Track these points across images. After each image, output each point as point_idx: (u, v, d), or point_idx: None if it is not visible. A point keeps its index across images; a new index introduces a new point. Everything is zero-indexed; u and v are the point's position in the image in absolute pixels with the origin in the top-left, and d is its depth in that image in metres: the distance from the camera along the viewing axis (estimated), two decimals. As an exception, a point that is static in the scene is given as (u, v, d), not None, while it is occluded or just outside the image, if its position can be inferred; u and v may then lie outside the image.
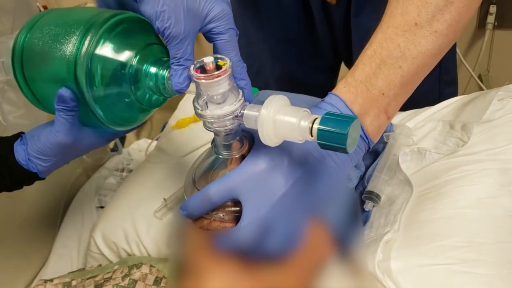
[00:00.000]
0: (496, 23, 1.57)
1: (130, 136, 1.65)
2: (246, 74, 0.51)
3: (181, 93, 0.48)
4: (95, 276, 0.69)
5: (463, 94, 0.82)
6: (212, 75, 0.43)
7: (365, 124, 0.49)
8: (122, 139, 1.68)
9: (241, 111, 0.45)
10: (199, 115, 0.46)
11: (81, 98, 0.49)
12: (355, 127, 0.40)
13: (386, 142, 0.72)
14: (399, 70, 0.49)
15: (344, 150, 0.40)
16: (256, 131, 0.43)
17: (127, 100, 0.51)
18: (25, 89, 0.53)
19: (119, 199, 0.83)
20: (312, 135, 0.41)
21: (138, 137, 1.76)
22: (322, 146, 0.41)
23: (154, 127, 1.89)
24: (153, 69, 0.51)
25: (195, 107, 0.46)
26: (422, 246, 0.57)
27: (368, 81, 0.49)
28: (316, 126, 0.40)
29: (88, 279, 0.68)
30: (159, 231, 0.76)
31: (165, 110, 1.07)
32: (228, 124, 0.46)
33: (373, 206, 0.66)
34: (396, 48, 0.48)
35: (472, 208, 0.59)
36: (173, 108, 0.97)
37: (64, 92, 0.48)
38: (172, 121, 0.94)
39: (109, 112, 0.51)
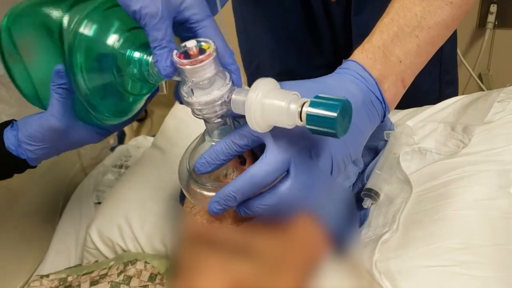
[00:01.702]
0: (496, 23, 1.57)
1: (129, 132, 1.65)
2: (234, 59, 0.49)
3: (169, 78, 0.46)
4: (91, 272, 0.69)
5: (463, 94, 0.82)
6: (196, 60, 0.41)
7: (383, 89, 0.49)
8: (122, 136, 1.68)
9: (229, 96, 0.43)
10: (186, 103, 0.45)
11: (72, 78, 0.48)
12: (346, 110, 0.39)
13: (387, 140, 0.72)
14: (416, 39, 0.50)
15: (334, 135, 0.38)
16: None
17: (112, 88, 0.50)
18: (20, 79, 0.52)
19: (115, 196, 0.83)
20: (301, 120, 0.39)
21: (137, 133, 1.76)
22: (312, 131, 0.39)
23: (154, 123, 1.89)
24: (136, 55, 0.48)
25: (181, 95, 0.44)
26: (420, 247, 0.57)
27: (386, 48, 0.49)
28: (305, 109, 0.38)
29: (84, 275, 0.68)
30: (153, 227, 0.76)
31: (165, 106, 1.07)
32: (218, 110, 0.44)
33: (372, 203, 0.66)
34: (413, 17, 0.49)
35: (470, 209, 0.59)
36: (172, 104, 0.97)
37: (61, 67, 0.47)
38: (169, 119, 0.94)
39: (96, 100, 0.49)
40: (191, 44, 0.42)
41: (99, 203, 0.91)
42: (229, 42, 0.51)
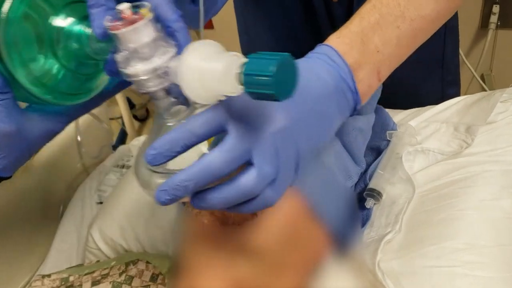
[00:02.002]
0: (499, 23, 1.57)
1: (131, 132, 1.65)
2: (179, 17, 0.42)
3: (105, 38, 0.39)
4: (93, 272, 0.69)
5: (465, 94, 0.82)
6: (128, 22, 0.36)
7: (357, 78, 0.46)
8: (124, 136, 1.68)
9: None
10: (127, 76, 0.39)
11: (5, 72, 0.42)
12: (288, 67, 0.33)
13: (389, 140, 0.72)
14: (397, 30, 0.47)
15: (274, 97, 0.33)
16: None
17: (57, 68, 0.44)
18: None
19: (117, 196, 0.83)
20: (241, 84, 0.33)
21: (139, 133, 1.76)
22: (253, 97, 0.34)
23: (155, 123, 1.88)
24: (74, 28, 0.43)
25: (118, 66, 0.39)
26: (424, 247, 0.57)
27: (365, 35, 0.46)
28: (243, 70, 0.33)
29: (85, 275, 0.68)
30: (155, 227, 0.76)
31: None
32: (164, 83, 0.38)
33: (374, 203, 0.66)
34: (396, 7, 0.47)
35: (473, 210, 0.59)
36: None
37: None
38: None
39: (41, 84, 0.44)
40: (123, 6, 0.37)
41: (101, 203, 0.91)
42: (231, 42, 0.50)
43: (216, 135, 0.40)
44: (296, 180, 0.43)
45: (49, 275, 0.68)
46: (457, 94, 1.02)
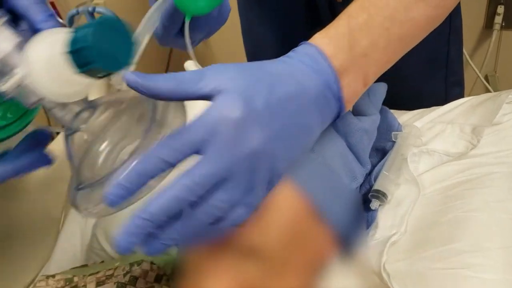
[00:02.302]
0: (503, 24, 1.56)
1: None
2: (49, 17, 0.37)
3: None
4: (97, 272, 0.69)
5: (469, 95, 0.82)
6: None
7: (342, 84, 0.43)
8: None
9: None
10: None
11: None
12: (108, 32, 0.29)
13: (394, 141, 0.72)
14: (385, 32, 0.44)
15: (104, 69, 0.30)
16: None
17: None
18: None
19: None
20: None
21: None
22: (89, 74, 0.30)
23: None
24: None
25: None
26: (429, 249, 0.57)
27: (352, 37, 0.43)
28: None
29: (90, 275, 0.68)
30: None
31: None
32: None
33: (379, 205, 0.66)
34: (385, 6, 0.44)
35: (479, 211, 0.59)
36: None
37: None
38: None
39: None
40: None
41: (105, 203, 0.91)
42: (234, 41, 0.49)
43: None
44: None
45: (53, 276, 0.69)
46: (461, 95, 1.02)
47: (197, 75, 0.40)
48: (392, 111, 0.77)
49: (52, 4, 1.07)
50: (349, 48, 0.43)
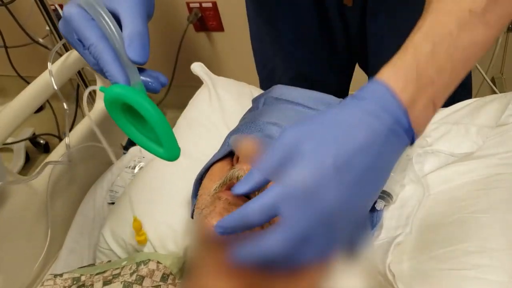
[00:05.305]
0: (510, 26, 1.56)
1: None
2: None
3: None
4: (104, 271, 0.69)
5: (475, 97, 0.82)
6: None
7: (413, 116, 0.42)
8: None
9: None
10: None
11: None
12: None
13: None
14: (450, 58, 0.44)
15: None
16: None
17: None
18: None
19: (128, 196, 0.84)
20: None
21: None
22: None
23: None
24: None
25: None
26: (434, 250, 0.57)
27: (420, 67, 0.43)
28: None
29: (97, 274, 0.69)
30: (166, 228, 0.76)
31: (176, 108, 1.07)
32: None
33: (385, 205, 0.66)
34: (448, 35, 0.44)
35: (485, 212, 0.59)
36: (184, 106, 0.97)
37: None
38: (181, 120, 0.94)
39: None
40: None
41: (113, 203, 0.92)
42: (241, 44, 0.49)
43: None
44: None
45: (61, 275, 0.69)
46: (468, 96, 1.01)
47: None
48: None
49: (61, 6, 1.08)
50: (418, 80, 0.43)
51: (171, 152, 0.46)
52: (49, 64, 0.83)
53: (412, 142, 0.44)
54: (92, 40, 0.44)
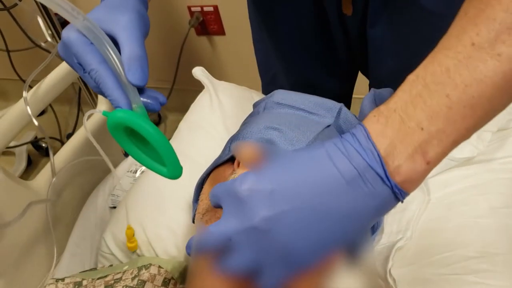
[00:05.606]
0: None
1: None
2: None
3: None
4: (106, 276, 0.69)
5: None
6: None
7: (392, 164, 0.38)
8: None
9: None
10: None
11: None
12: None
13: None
14: (446, 100, 0.38)
15: None
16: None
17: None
18: None
19: (130, 200, 0.84)
20: None
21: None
22: None
23: (168, 128, 1.90)
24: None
25: None
26: (435, 254, 0.57)
27: (404, 111, 0.39)
28: None
29: (98, 279, 0.69)
30: (168, 232, 0.77)
31: (178, 111, 1.07)
32: None
33: (385, 211, 0.66)
34: (444, 73, 0.38)
35: (486, 217, 0.59)
36: (185, 110, 0.98)
37: None
38: (183, 124, 0.95)
39: None
40: None
41: (114, 207, 0.92)
42: (242, 48, 0.49)
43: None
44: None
45: (62, 279, 0.69)
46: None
47: None
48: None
49: None
50: (400, 124, 0.38)
51: (174, 171, 0.48)
52: (24, 92, 0.82)
53: (397, 197, 0.39)
54: (93, 66, 0.45)
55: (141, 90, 0.47)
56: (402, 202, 0.39)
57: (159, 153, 0.46)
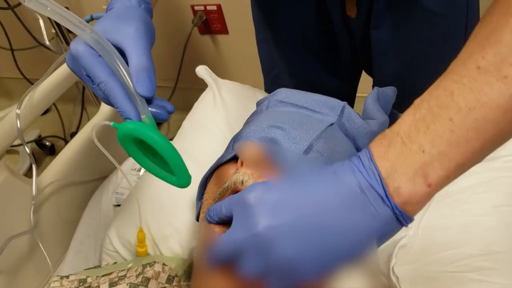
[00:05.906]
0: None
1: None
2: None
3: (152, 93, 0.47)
4: (110, 273, 0.70)
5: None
6: None
7: (392, 186, 0.38)
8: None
9: None
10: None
11: None
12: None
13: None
14: (449, 123, 0.38)
15: None
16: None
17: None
18: None
19: (134, 198, 0.84)
20: None
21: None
22: None
23: (171, 127, 1.90)
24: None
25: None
26: (438, 252, 0.57)
27: (407, 134, 0.39)
28: None
29: (103, 276, 0.69)
30: (172, 230, 0.77)
31: (181, 110, 1.07)
32: None
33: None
34: (447, 96, 0.38)
35: (488, 216, 0.59)
36: (189, 109, 0.98)
37: None
38: (186, 123, 0.95)
39: None
40: None
41: (118, 205, 0.92)
42: (245, 47, 0.49)
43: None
44: None
45: (67, 276, 0.70)
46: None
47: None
48: (401, 115, 0.77)
49: (67, 9, 1.09)
50: (402, 147, 0.39)
51: (183, 180, 0.49)
52: (16, 110, 0.80)
53: (399, 220, 0.39)
54: (102, 78, 0.46)
55: (149, 100, 0.48)
56: (406, 226, 0.40)
57: (168, 162, 0.47)
